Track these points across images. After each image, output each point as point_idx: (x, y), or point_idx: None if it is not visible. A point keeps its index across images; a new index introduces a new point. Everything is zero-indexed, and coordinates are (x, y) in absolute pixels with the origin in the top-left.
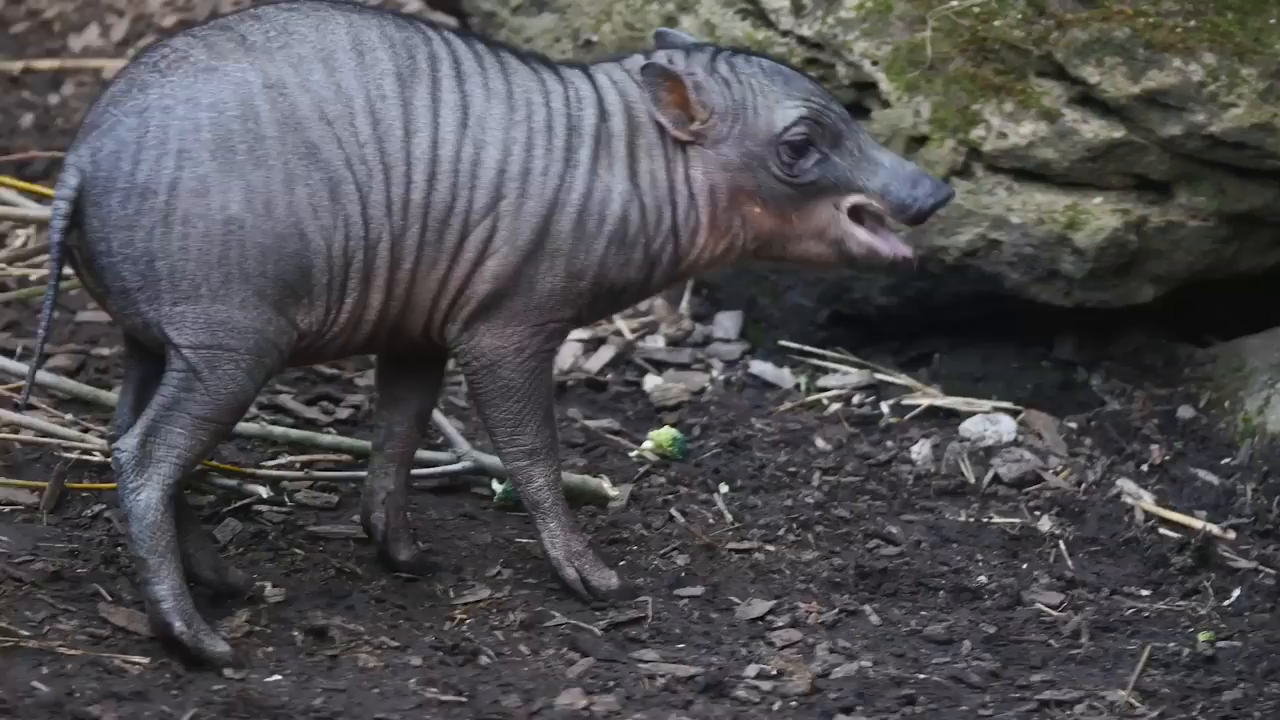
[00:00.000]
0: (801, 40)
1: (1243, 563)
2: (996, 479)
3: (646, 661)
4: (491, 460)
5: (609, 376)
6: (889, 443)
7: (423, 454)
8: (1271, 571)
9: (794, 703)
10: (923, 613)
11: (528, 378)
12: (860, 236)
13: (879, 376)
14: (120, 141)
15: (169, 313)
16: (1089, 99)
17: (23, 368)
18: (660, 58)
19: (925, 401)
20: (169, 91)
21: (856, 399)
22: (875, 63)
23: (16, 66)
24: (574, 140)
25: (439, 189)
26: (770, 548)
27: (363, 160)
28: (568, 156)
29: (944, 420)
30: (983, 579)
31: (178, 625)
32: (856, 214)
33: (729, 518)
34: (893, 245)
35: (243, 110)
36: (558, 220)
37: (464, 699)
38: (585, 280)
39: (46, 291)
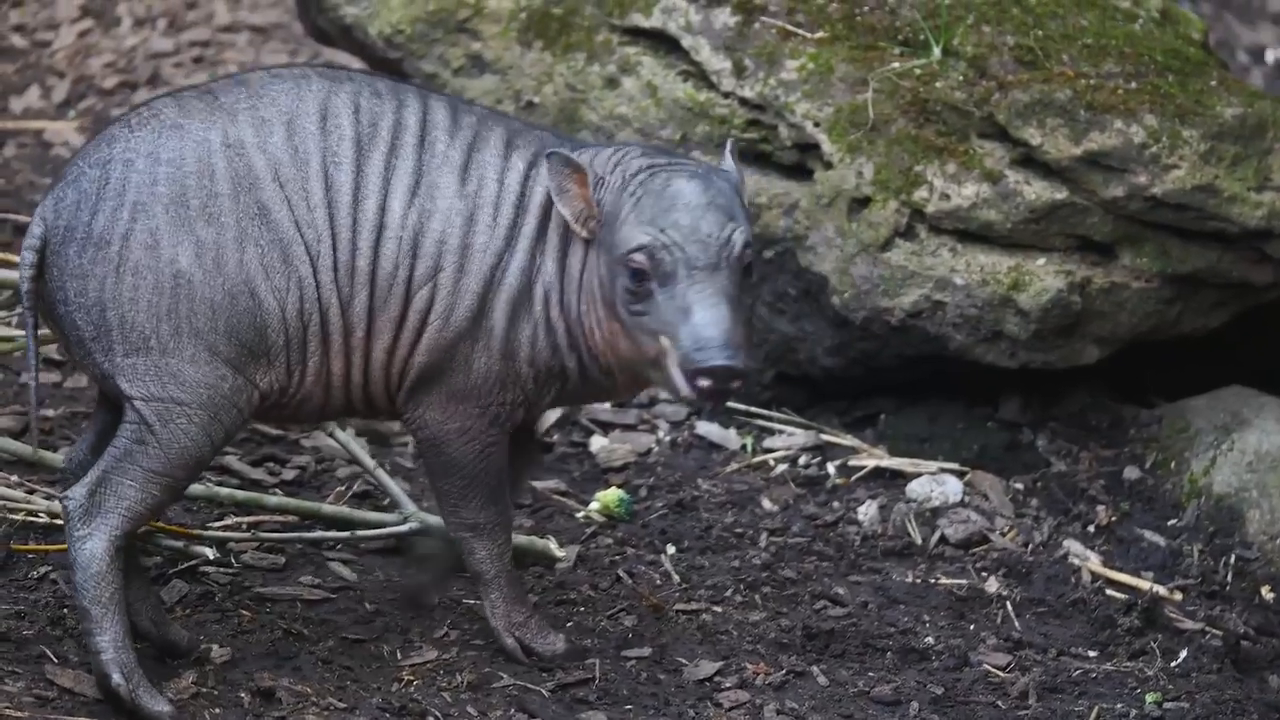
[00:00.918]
0: (744, 102)
1: (1189, 624)
2: (943, 540)
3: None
4: (438, 521)
5: (555, 437)
6: (835, 503)
7: (369, 515)
8: (1218, 632)
9: None
10: (870, 673)
11: (473, 457)
12: (677, 379)
13: (825, 437)
14: (81, 192)
15: (121, 364)
16: (1031, 160)
17: None
18: (568, 148)
19: (871, 462)
20: (133, 146)
21: (803, 460)
22: (817, 124)
23: None
24: (520, 219)
25: (384, 256)
26: (717, 609)
27: (312, 224)
28: (510, 235)
29: (890, 481)
30: (930, 640)
31: (115, 678)
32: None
33: (676, 579)
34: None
35: (199, 167)
36: (494, 299)
37: None
38: (519, 362)
39: (27, 340)
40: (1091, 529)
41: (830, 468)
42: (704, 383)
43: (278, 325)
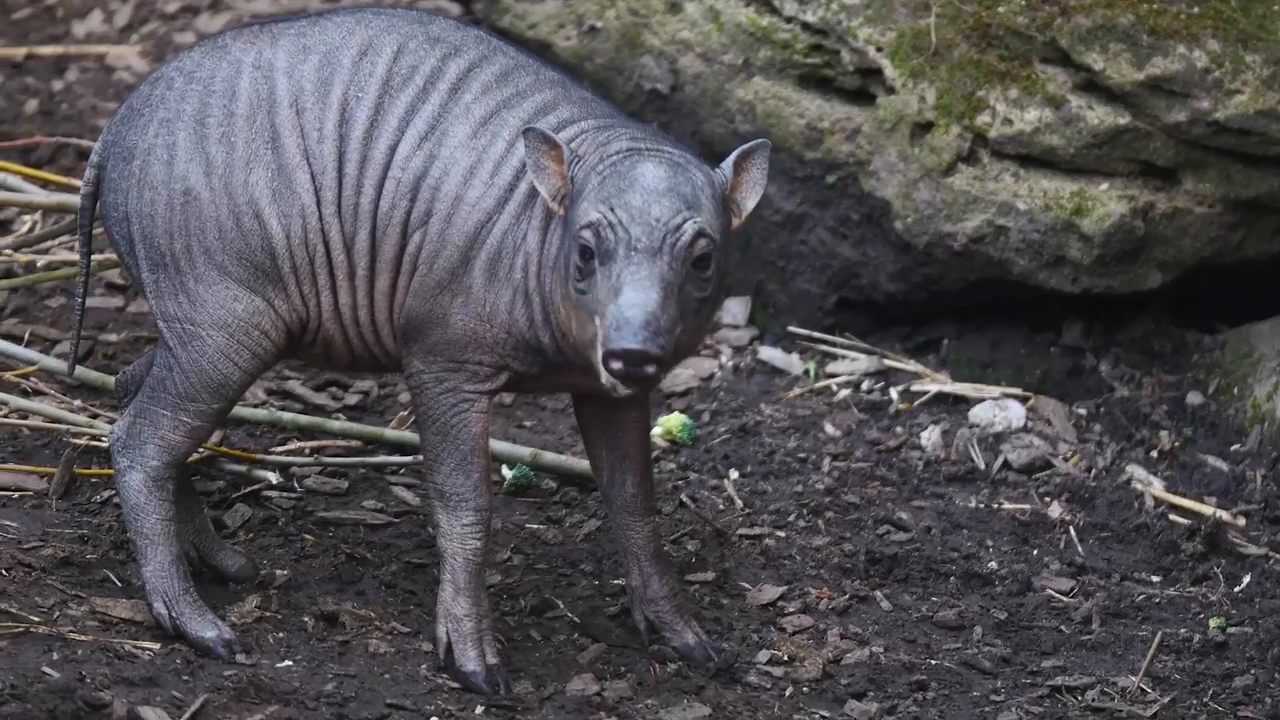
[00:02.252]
0: (806, 27)
1: (1253, 549)
2: (1006, 465)
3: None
4: (501, 446)
5: None
6: (898, 429)
7: None
8: None
9: (805, 688)
10: (933, 598)
11: (446, 411)
12: (598, 361)
13: (887, 362)
14: (129, 107)
15: (147, 279)
16: (1094, 85)
17: (30, 354)
18: (623, 134)
19: (934, 388)
20: (179, 65)
21: (865, 385)
22: (880, 49)
23: (20, 53)
24: (516, 181)
25: (385, 196)
26: (780, 533)
27: (319, 155)
28: (503, 196)
29: (953, 406)
30: (993, 565)
31: (157, 606)
32: None
33: (739, 503)
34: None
35: (224, 87)
36: (475, 256)
37: None
38: (496, 328)
39: (80, 257)
40: (1154, 454)
41: (893, 393)
42: (615, 365)
43: (284, 251)
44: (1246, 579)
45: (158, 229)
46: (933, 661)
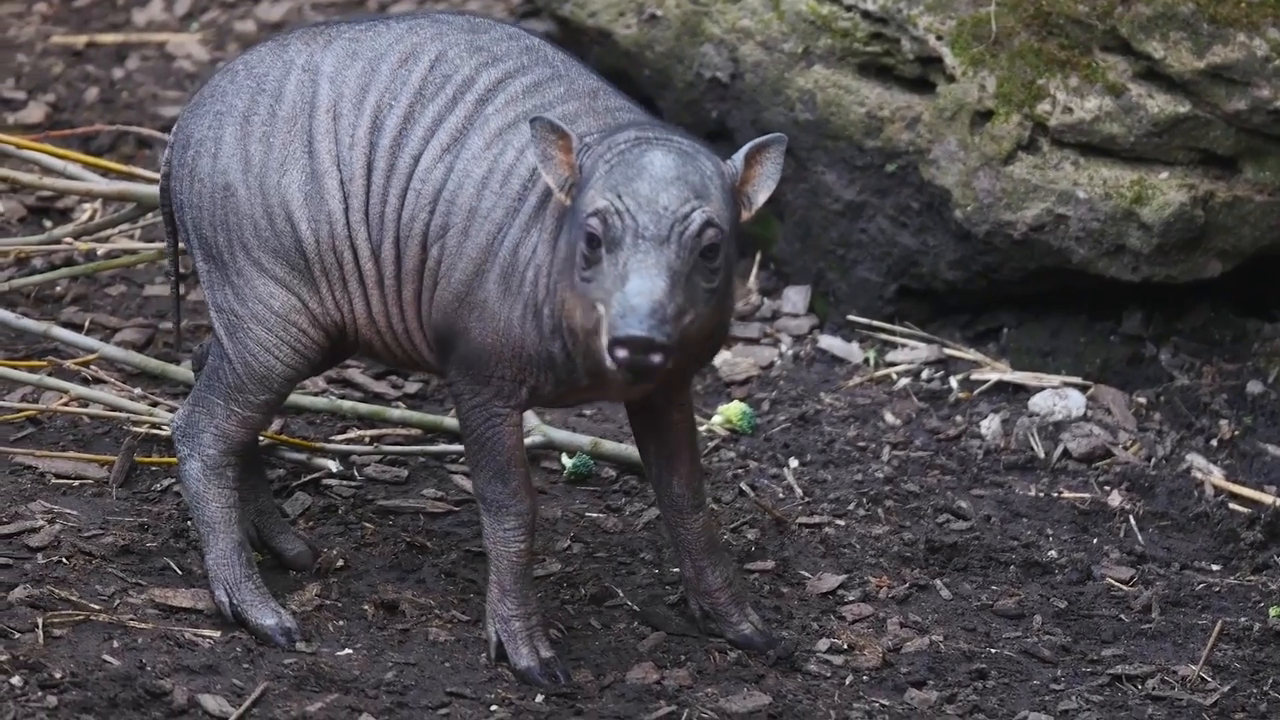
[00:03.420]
0: (866, 15)
1: None
2: (1066, 454)
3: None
4: (560, 435)
5: None
6: (958, 417)
7: None
8: None
9: (865, 677)
10: (993, 587)
11: (480, 425)
12: (602, 349)
13: (947, 351)
14: (199, 95)
15: (201, 268)
16: (1154, 74)
17: (92, 342)
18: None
19: (994, 376)
20: (246, 58)
21: (925, 373)
22: (940, 37)
23: (80, 40)
24: (525, 191)
25: (407, 207)
26: (840, 522)
27: (349, 163)
28: (513, 207)
29: (1013, 395)
30: (1053, 554)
31: (218, 593)
32: None
33: (799, 492)
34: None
35: (274, 87)
36: (488, 269)
37: None
38: (512, 342)
39: (166, 242)
40: (1214, 443)
41: (953, 381)
42: (620, 353)
43: (314, 255)
44: None
45: (204, 220)
46: (993, 650)
